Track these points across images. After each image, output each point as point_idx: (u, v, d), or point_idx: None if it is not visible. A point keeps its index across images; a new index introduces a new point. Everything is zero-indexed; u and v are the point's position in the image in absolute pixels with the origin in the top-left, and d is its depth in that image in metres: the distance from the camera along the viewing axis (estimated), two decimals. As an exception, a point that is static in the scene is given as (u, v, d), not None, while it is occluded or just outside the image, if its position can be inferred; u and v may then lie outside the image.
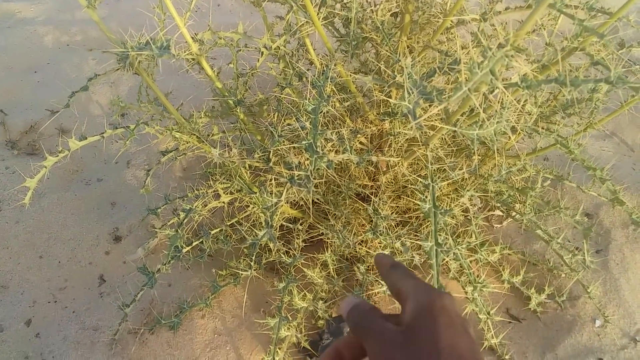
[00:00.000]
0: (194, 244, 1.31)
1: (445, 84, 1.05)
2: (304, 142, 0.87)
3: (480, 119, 0.80)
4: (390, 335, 0.43)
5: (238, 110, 1.21)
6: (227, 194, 1.24)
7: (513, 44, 0.64)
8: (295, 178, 0.90)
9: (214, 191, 1.26)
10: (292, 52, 1.37)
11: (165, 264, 1.19)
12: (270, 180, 1.14)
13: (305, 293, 1.30)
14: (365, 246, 1.36)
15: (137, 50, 0.81)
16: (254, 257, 1.23)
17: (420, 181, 0.94)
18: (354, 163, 1.00)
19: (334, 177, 1.30)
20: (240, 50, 1.34)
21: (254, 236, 1.04)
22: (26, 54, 2.45)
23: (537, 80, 0.67)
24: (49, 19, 2.78)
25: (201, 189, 1.28)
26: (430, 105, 0.79)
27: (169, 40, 0.82)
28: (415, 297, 0.45)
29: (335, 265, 1.34)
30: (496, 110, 0.84)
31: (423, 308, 0.43)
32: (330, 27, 1.25)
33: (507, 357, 1.36)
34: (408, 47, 1.20)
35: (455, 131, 0.87)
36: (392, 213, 1.25)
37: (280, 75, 1.31)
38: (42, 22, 2.74)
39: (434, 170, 0.97)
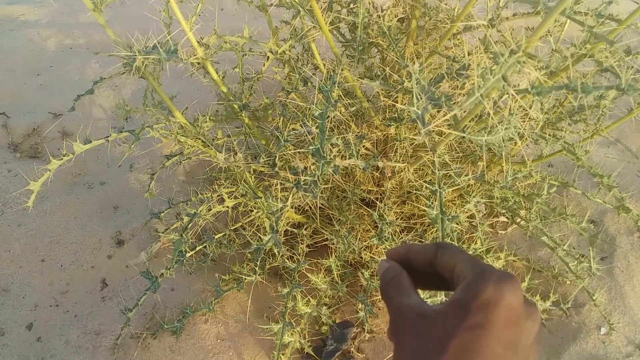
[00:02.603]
0: (198, 248, 1.30)
1: (452, 90, 1.05)
2: (311, 148, 0.87)
3: (489, 125, 0.80)
4: (404, 315, 0.41)
5: (243, 115, 1.20)
6: (231, 198, 1.23)
7: (525, 50, 0.64)
8: (302, 183, 0.90)
9: (218, 195, 1.25)
10: (297, 56, 1.37)
11: (169, 269, 1.18)
12: (275, 185, 1.13)
13: (309, 299, 1.29)
14: (370, 252, 1.35)
15: (145, 54, 0.81)
16: (258, 262, 1.22)
17: (427, 187, 0.93)
18: (360, 168, 0.99)
19: (340, 182, 1.30)
20: (245, 54, 1.34)
21: (258, 241, 1.03)
22: (29, 56, 2.44)
23: (548, 87, 0.67)
24: (52, 22, 2.78)
25: (205, 193, 1.28)
26: (438, 111, 0.78)
27: (176, 44, 0.82)
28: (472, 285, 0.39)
29: (339, 270, 1.33)
30: (504, 117, 0.83)
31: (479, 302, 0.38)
32: (335, 32, 1.25)
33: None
34: (414, 52, 1.20)
35: (462, 137, 0.87)
36: (397, 219, 1.24)
37: (285, 79, 1.31)
38: (45, 25, 2.74)
39: (440, 176, 0.97)
